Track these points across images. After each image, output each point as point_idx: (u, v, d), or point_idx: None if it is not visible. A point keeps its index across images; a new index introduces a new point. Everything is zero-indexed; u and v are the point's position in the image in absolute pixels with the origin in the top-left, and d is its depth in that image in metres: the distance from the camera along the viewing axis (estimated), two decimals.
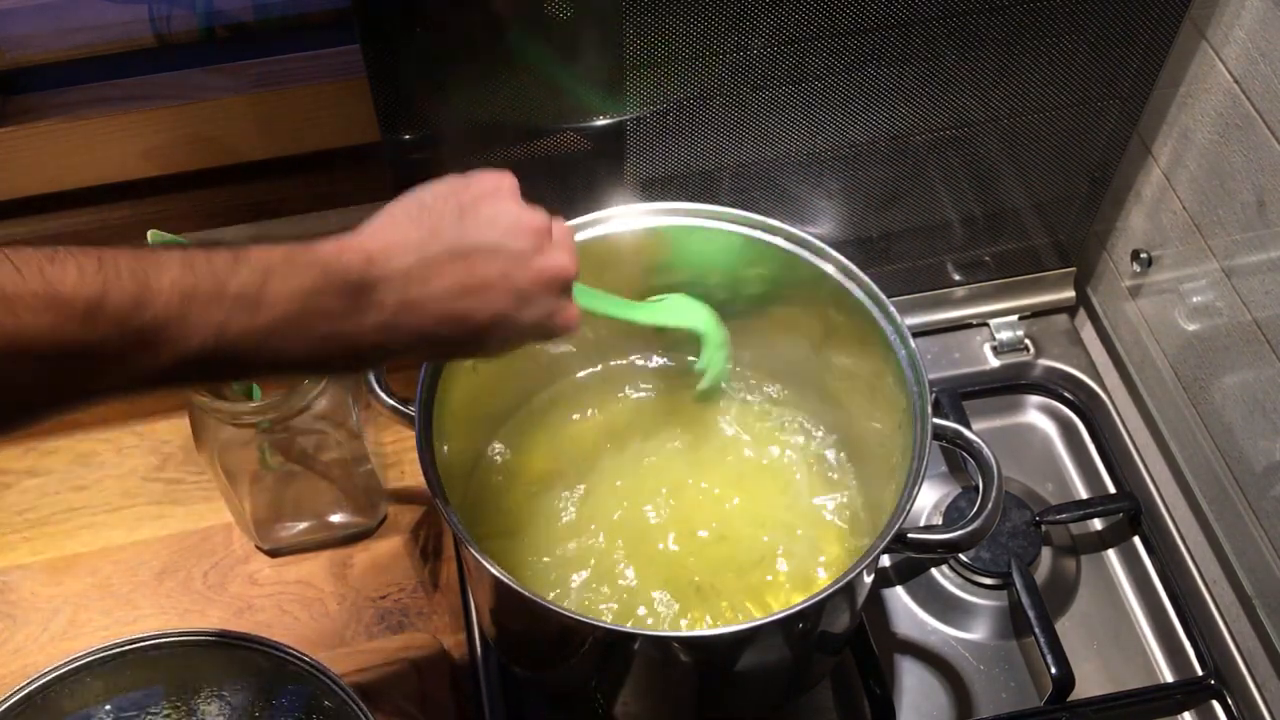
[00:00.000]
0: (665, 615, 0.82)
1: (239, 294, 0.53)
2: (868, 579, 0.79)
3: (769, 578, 0.84)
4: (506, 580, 0.69)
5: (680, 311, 0.87)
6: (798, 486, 0.89)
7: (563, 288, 0.64)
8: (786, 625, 0.73)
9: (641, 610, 0.82)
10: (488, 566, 0.69)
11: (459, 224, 0.60)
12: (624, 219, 0.85)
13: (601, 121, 0.89)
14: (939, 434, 0.77)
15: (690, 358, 0.90)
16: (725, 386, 0.91)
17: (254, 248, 0.54)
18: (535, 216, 0.63)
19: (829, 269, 0.83)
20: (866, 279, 0.82)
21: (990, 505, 0.75)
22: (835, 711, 0.91)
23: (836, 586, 0.70)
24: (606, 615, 0.82)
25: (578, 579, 0.84)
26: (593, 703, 0.84)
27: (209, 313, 0.52)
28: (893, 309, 0.80)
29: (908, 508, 0.72)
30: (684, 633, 0.79)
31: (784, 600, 0.83)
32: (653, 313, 0.85)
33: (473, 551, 0.70)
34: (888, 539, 0.72)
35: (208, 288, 0.52)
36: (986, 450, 0.77)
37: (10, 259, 0.48)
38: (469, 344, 0.62)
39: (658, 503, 0.87)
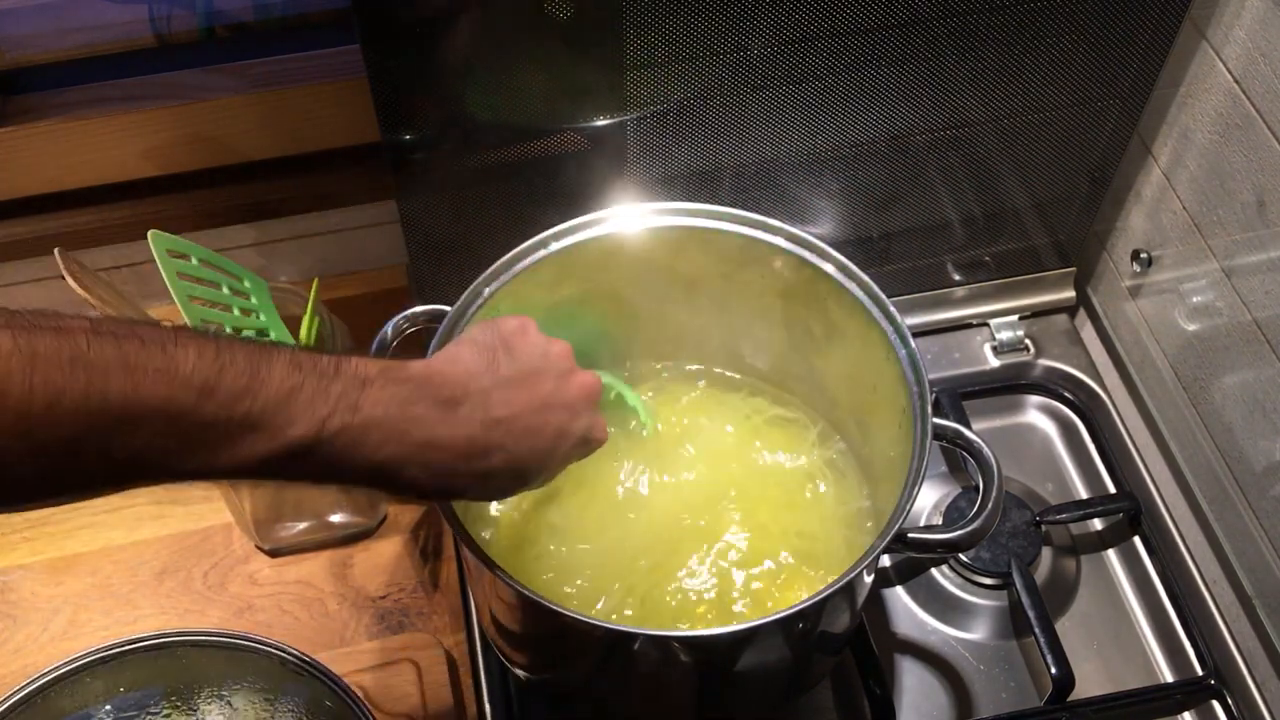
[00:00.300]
0: (665, 616, 0.82)
1: (340, 395, 0.56)
2: (868, 579, 0.79)
3: (772, 575, 0.84)
4: (507, 580, 0.69)
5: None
6: (797, 486, 0.89)
7: (594, 399, 0.71)
8: (786, 625, 0.73)
9: (642, 610, 0.82)
10: (487, 567, 0.69)
11: (510, 354, 0.66)
12: (624, 220, 0.85)
13: (601, 121, 0.89)
14: (939, 434, 0.77)
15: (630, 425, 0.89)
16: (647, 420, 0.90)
17: (352, 358, 0.59)
18: (559, 345, 0.70)
19: (829, 269, 0.83)
20: (867, 279, 0.82)
21: (990, 505, 0.75)
22: (835, 712, 0.91)
23: (836, 586, 0.70)
24: (609, 616, 0.82)
25: (578, 580, 0.84)
26: (593, 703, 0.84)
27: (313, 407, 0.55)
28: (893, 309, 0.80)
29: (908, 508, 0.72)
30: (684, 632, 0.79)
31: (783, 600, 0.83)
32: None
33: (472, 552, 0.70)
34: (888, 539, 0.71)
35: (312, 385, 0.55)
36: (987, 450, 0.77)
37: (137, 333, 0.50)
38: (541, 461, 0.67)
39: (659, 503, 0.87)
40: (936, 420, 0.76)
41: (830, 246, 0.83)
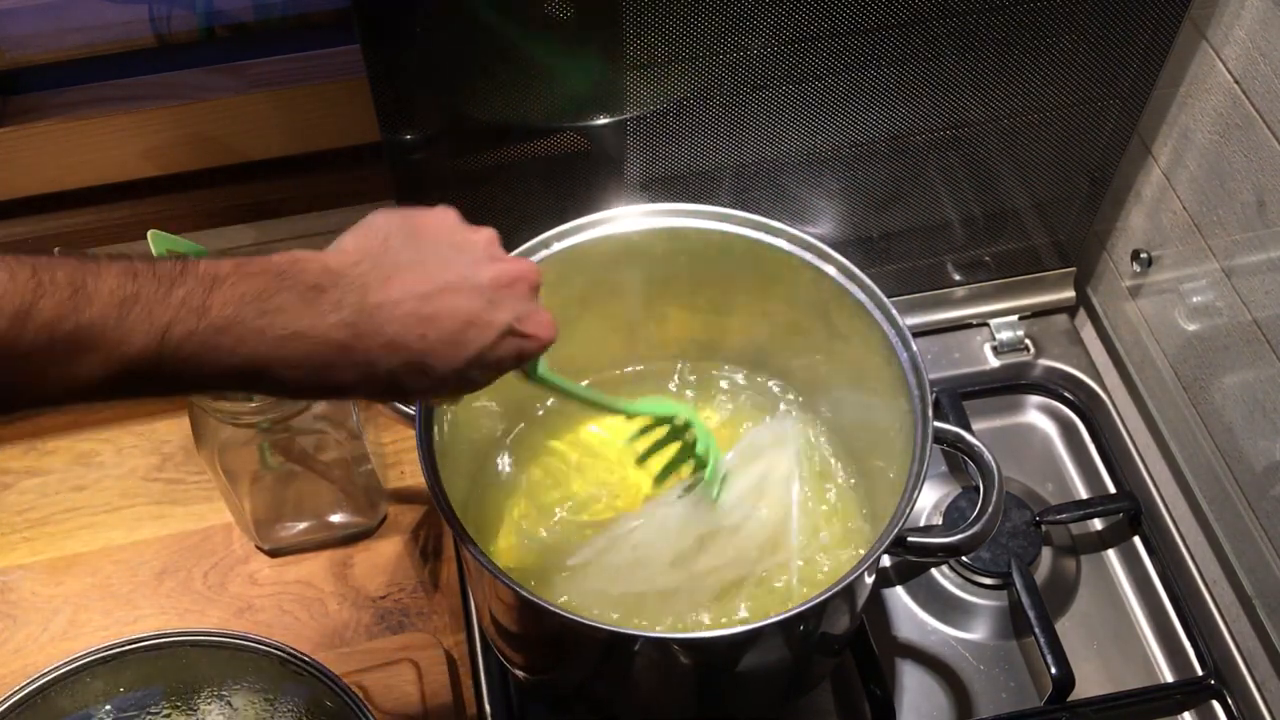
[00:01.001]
0: (667, 617, 0.82)
1: (184, 299, 0.52)
2: (868, 580, 0.79)
3: (773, 581, 0.84)
4: (506, 580, 0.69)
5: (658, 404, 0.84)
6: (797, 486, 0.89)
7: (529, 289, 0.63)
8: (786, 627, 0.73)
9: (643, 612, 0.82)
10: (487, 567, 0.69)
11: (412, 239, 0.60)
12: (624, 220, 0.84)
13: (601, 121, 0.89)
14: (940, 437, 0.77)
15: (686, 478, 0.85)
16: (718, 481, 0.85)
17: (201, 260, 0.53)
18: (483, 231, 0.63)
19: (830, 270, 0.83)
20: (868, 281, 0.81)
21: (991, 509, 0.75)
22: (836, 713, 0.91)
23: (836, 589, 0.70)
24: (610, 616, 0.82)
25: (579, 580, 0.84)
26: (592, 703, 0.84)
27: (151, 317, 0.51)
28: (894, 311, 0.80)
29: (907, 511, 0.72)
30: (684, 634, 0.79)
31: (784, 603, 0.83)
32: (630, 405, 0.81)
33: (472, 552, 0.70)
34: (887, 542, 0.71)
35: (150, 293, 0.51)
36: (987, 454, 0.77)
37: None
38: (448, 356, 0.59)
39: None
40: (937, 424, 0.76)
41: (830, 247, 0.83)
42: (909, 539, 0.75)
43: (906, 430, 0.77)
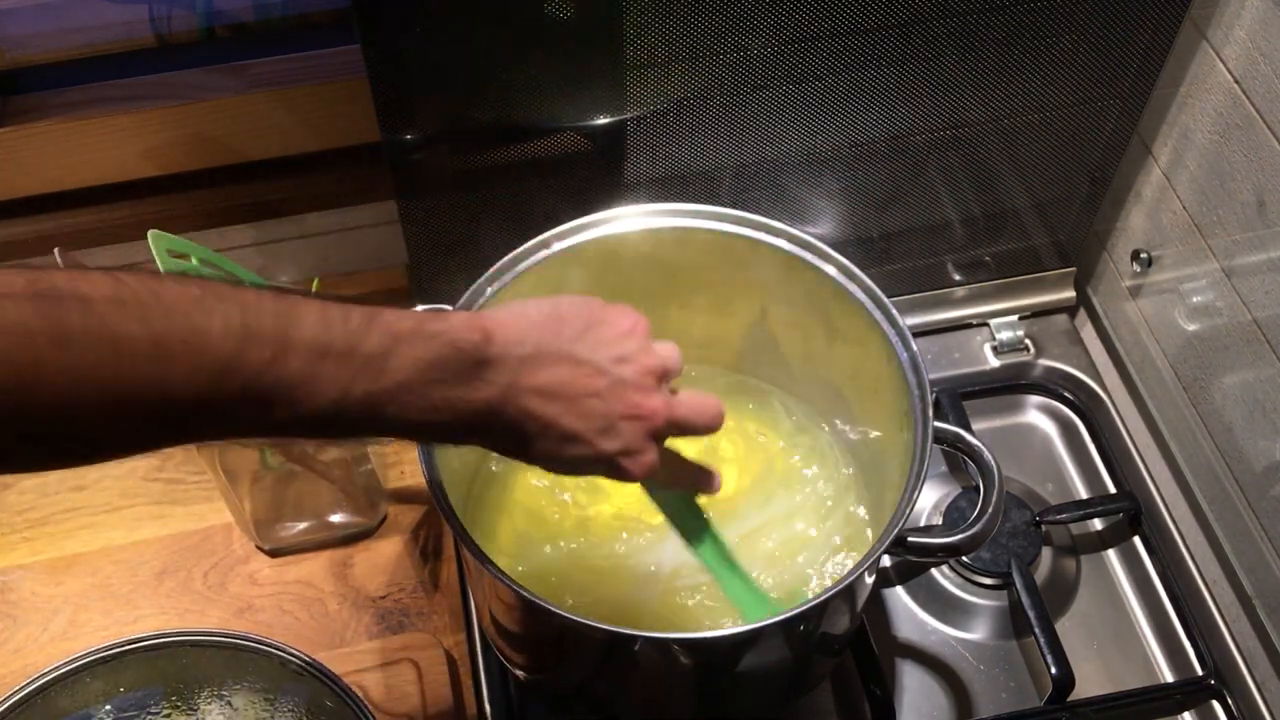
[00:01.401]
0: (667, 617, 0.82)
1: (368, 357, 0.53)
2: (868, 580, 0.79)
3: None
4: (506, 580, 0.69)
5: (749, 600, 0.76)
6: (798, 487, 0.89)
7: (649, 430, 0.64)
8: (787, 627, 0.73)
9: (643, 609, 0.82)
10: (487, 567, 0.69)
11: (582, 335, 0.61)
12: (627, 219, 0.85)
13: (601, 122, 0.89)
14: (940, 437, 0.77)
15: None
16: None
17: (387, 310, 0.55)
18: (654, 359, 0.64)
19: (830, 270, 0.83)
20: (868, 281, 0.81)
21: (991, 509, 0.75)
22: (836, 713, 0.91)
23: (837, 589, 0.70)
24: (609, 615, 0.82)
25: (579, 579, 0.84)
26: (592, 703, 0.83)
27: (339, 373, 0.52)
28: (895, 311, 0.80)
29: (907, 511, 0.72)
30: (683, 634, 0.79)
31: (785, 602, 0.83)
32: (739, 593, 0.76)
33: (472, 551, 0.70)
34: (887, 543, 0.71)
35: (340, 348, 0.52)
36: (987, 454, 0.77)
37: (162, 299, 0.47)
38: (545, 449, 0.62)
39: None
40: (937, 424, 0.76)
41: (830, 247, 0.83)
42: (909, 539, 0.75)
43: (907, 429, 0.77)
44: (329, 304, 0.53)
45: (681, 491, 0.73)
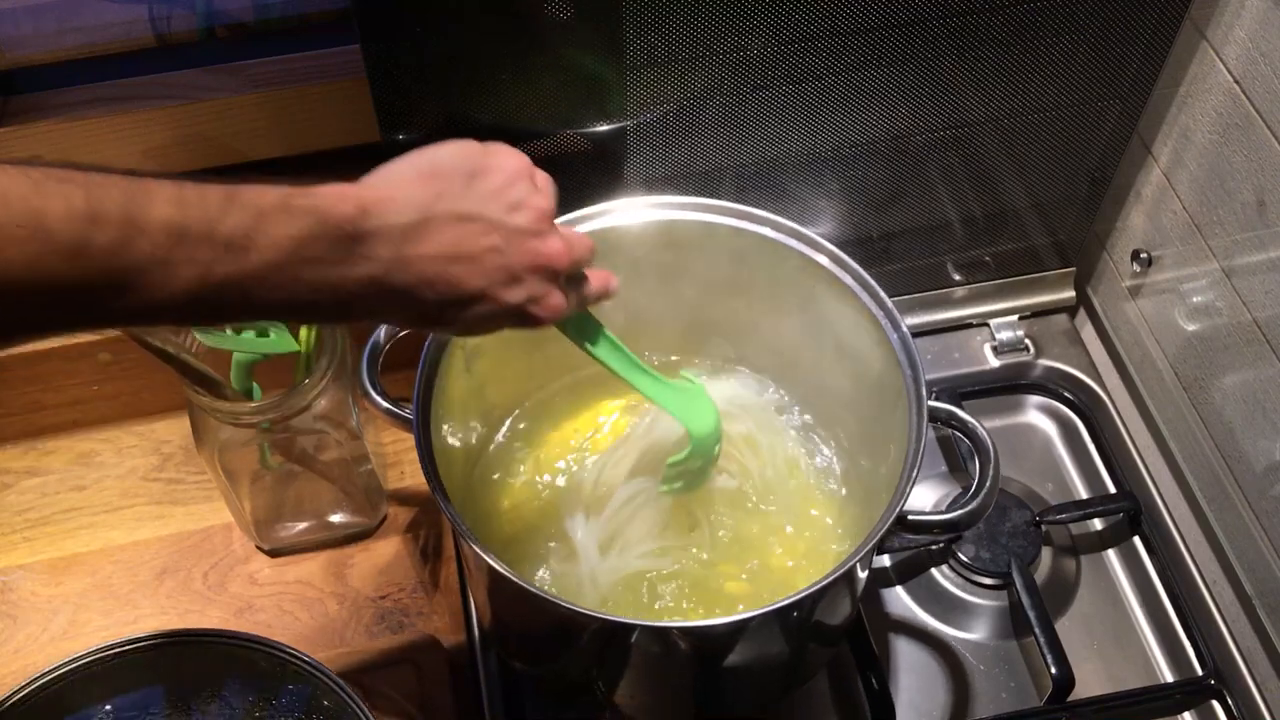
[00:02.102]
0: (665, 609, 0.82)
1: (229, 237, 0.51)
2: (865, 570, 0.79)
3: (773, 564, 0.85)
4: (503, 570, 0.70)
5: (689, 406, 0.82)
6: (795, 475, 0.89)
7: (551, 274, 0.63)
8: (784, 614, 0.73)
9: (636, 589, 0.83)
10: (485, 557, 0.70)
11: (466, 190, 0.59)
12: (625, 212, 0.85)
13: (601, 121, 0.89)
14: (934, 415, 0.77)
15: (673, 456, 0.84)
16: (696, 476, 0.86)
17: (247, 187, 0.52)
18: (542, 200, 0.63)
19: (818, 257, 0.83)
20: (857, 266, 0.82)
21: (988, 485, 0.75)
22: (835, 714, 0.91)
23: (837, 573, 0.70)
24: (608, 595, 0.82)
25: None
26: (592, 695, 0.84)
27: (196, 255, 0.50)
28: (883, 294, 0.81)
29: (907, 490, 0.72)
30: (681, 623, 0.80)
31: (783, 590, 0.83)
32: (661, 392, 0.80)
33: (470, 543, 0.71)
34: (889, 521, 0.72)
35: (198, 229, 0.50)
36: (981, 430, 0.78)
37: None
38: (450, 314, 0.60)
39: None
40: (932, 403, 0.76)
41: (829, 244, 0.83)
42: (909, 517, 0.75)
43: (901, 411, 0.78)
44: (185, 183, 0.51)
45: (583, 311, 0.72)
